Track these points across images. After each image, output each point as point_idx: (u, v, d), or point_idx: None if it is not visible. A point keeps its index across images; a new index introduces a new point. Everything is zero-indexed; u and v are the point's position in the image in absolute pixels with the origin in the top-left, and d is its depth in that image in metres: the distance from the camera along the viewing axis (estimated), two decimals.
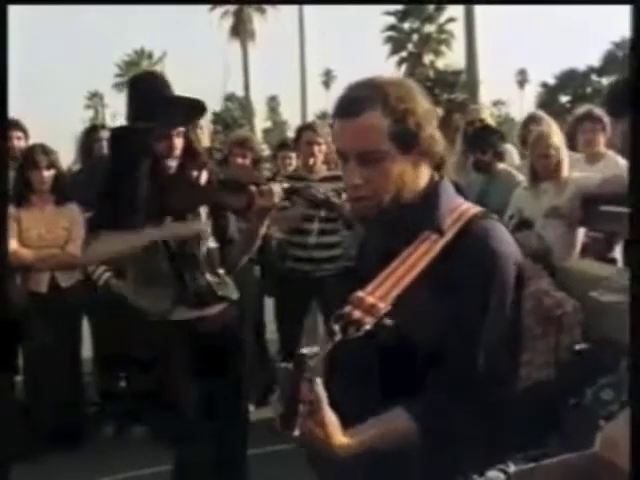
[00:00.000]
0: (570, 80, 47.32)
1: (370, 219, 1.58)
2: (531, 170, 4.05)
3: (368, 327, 1.41)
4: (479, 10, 25.65)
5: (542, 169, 3.95)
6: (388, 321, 1.42)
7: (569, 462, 0.99)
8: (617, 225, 3.94)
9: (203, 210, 2.87)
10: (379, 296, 1.45)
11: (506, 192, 4.04)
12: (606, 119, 4.55)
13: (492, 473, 0.93)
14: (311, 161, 4.63)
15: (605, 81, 46.66)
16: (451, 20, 42.61)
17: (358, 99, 1.49)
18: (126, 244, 2.66)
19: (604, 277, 3.25)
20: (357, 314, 1.42)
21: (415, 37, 45.30)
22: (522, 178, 4.26)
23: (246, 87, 47.14)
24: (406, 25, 45.43)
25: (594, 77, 47.79)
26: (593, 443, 1.03)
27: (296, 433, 1.33)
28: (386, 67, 44.07)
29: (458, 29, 29.42)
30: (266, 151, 8.09)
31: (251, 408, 4.09)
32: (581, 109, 5.00)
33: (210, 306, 2.87)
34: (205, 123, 5.81)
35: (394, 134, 1.48)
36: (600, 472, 0.97)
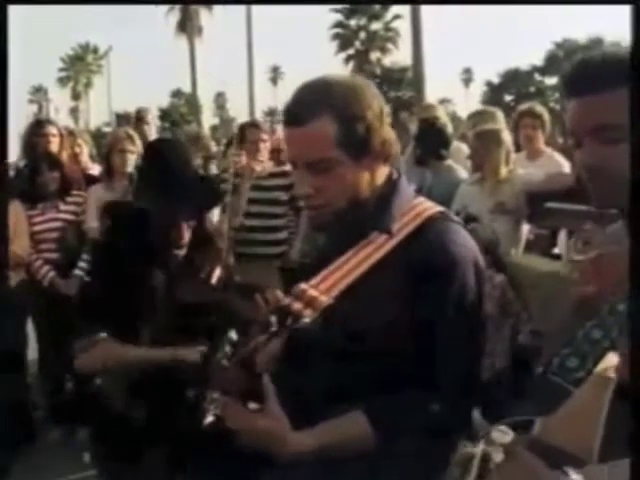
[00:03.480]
0: (514, 79, 48.08)
1: (326, 225, 1.56)
2: (475, 166, 4.11)
3: (307, 320, 1.39)
4: (425, 8, 25.91)
5: (486, 165, 3.99)
6: (305, 320, 1.40)
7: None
8: (561, 221, 4.04)
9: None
10: (322, 290, 1.43)
11: (450, 188, 4.08)
12: (546, 117, 4.65)
13: (495, 434, 0.94)
14: (257, 157, 4.65)
15: (547, 81, 47.54)
16: (397, 17, 43.01)
17: (304, 106, 1.45)
18: (125, 360, 2.23)
19: (548, 272, 3.33)
20: (297, 306, 1.41)
21: (362, 34, 45.56)
22: (466, 174, 4.31)
23: (193, 83, 46.80)
24: (353, 22, 45.66)
25: (537, 77, 48.66)
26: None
27: (253, 405, 1.34)
28: (334, 64, 44.16)
29: (404, 27, 29.67)
30: (214, 148, 8.04)
31: None
32: (523, 106, 5.11)
33: None
34: (152, 119, 5.75)
35: (343, 141, 1.44)
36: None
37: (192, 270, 2.36)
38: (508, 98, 43.25)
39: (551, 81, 46.79)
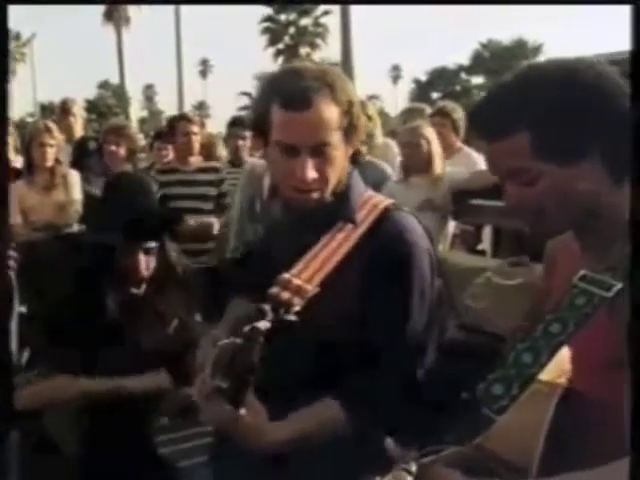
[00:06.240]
0: (440, 77, 48.88)
1: (309, 212, 1.55)
2: (403, 163, 4.15)
3: (297, 308, 1.41)
4: (354, 5, 26.04)
5: (414, 162, 4.04)
6: (291, 317, 1.41)
7: (463, 452, 1.05)
8: (485, 217, 4.13)
9: None
10: (305, 279, 1.46)
11: (374, 184, 4.07)
12: (457, 115, 4.74)
13: (396, 473, 0.98)
14: (188, 152, 4.59)
15: (473, 80, 48.45)
16: (326, 13, 43.10)
17: (307, 90, 1.44)
18: (79, 391, 2.08)
19: (475, 268, 3.39)
20: (286, 295, 1.42)
21: (292, 29, 45.52)
22: (391, 171, 4.35)
23: (121, 74, 45.89)
24: (283, 17, 45.58)
25: (463, 75, 49.57)
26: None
27: (243, 411, 1.32)
28: (263, 58, 43.99)
29: (334, 23, 29.77)
30: (142, 141, 7.91)
31: None
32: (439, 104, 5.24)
33: None
34: (78, 111, 5.62)
35: (342, 125, 1.48)
36: (488, 461, 1.04)
37: (152, 314, 2.23)
38: (435, 95, 43.91)
39: (477, 80, 47.76)
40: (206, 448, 1.92)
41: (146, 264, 2.18)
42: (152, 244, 2.20)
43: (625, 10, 1.28)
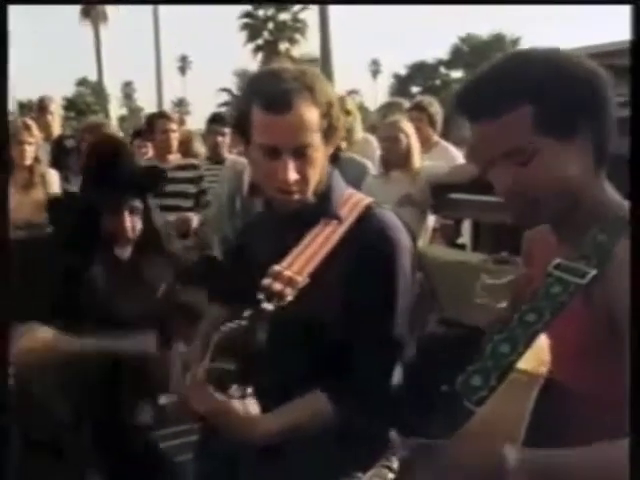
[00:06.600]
0: (420, 72, 48.96)
1: (293, 212, 1.57)
2: (383, 157, 4.17)
3: (290, 298, 1.46)
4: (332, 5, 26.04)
5: (393, 156, 4.05)
6: (268, 306, 1.44)
7: (443, 445, 1.05)
8: (465, 211, 4.16)
9: None
10: (295, 271, 1.50)
11: (354, 180, 4.09)
12: (433, 109, 4.77)
13: (377, 470, 1.00)
14: (166, 149, 4.58)
15: (453, 74, 48.58)
16: (305, 8, 43.02)
17: (287, 92, 1.46)
18: (63, 346, 2.05)
19: (454, 261, 3.42)
20: (278, 286, 1.46)
21: (270, 25, 45.41)
22: (371, 166, 4.36)
23: (99, 72, 45.58)
24: (261, 12, 45.46)
25: (442, 70, 49.70)
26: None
27: (250, 391, 1.36)
28: (243, 54, 43.86)
29: (312, 18, 29.71)
30: None
31: None
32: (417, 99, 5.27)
33: None
34: (56, 109, 5.57)
35: (322, 126, 1.50)
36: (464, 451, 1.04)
37: (137, 279, 2.20)
38: (415, 90, 44.02)
39: (456, 74, 47.90)
40: (192, 446, 1.93)
41: (131, 224, 2.17)
42: (137, 203, 2.18)
43: (625, 10, 1.29)
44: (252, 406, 1.41)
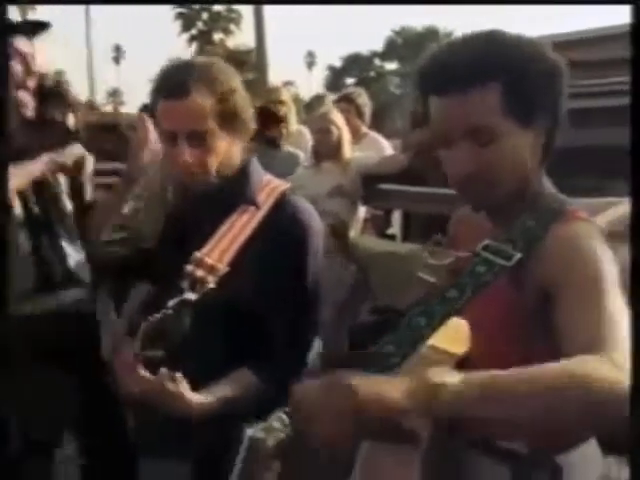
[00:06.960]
0: (355, 64, 49.15)
1: (196, 198, 1.66)
2: (314, 149, 4.18)
3: (211, 285, 1.53)
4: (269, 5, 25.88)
5: (324, 148, 4.06)
6: (192, 296, 1.51)
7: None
8: (395, 202, 4.21)
9: None
10: (215, 258, 1.56)
11: (287, 169, 4.11)
12: (361, 101, 4.84)
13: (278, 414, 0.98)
14: None
15: (387, 66, 48.92)
16: None
17: (184, 80, 1.55)
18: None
19: (385, 252, 3.47)
20: (200, 273, 1.54)
21: (205, 15, 44.91)
22: (303, 157, 4.38)
23: None
24: (195, 2, 44.87)
25: (377, 62, 49.98)
26: None
27: (179, 375, 1.43)
28: (177, 44, 43.28)
29: (247, 9, 29.44)
30: None
31: None
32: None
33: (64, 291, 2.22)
34: None
35: (218, 113, 1.57)
36: None
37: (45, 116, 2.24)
38: (350, 81, 44.21)
39: (391, 66, 48.26)
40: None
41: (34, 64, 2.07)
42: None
43: (625, 10, 1.28)
44: (183, 385, 1.46)
